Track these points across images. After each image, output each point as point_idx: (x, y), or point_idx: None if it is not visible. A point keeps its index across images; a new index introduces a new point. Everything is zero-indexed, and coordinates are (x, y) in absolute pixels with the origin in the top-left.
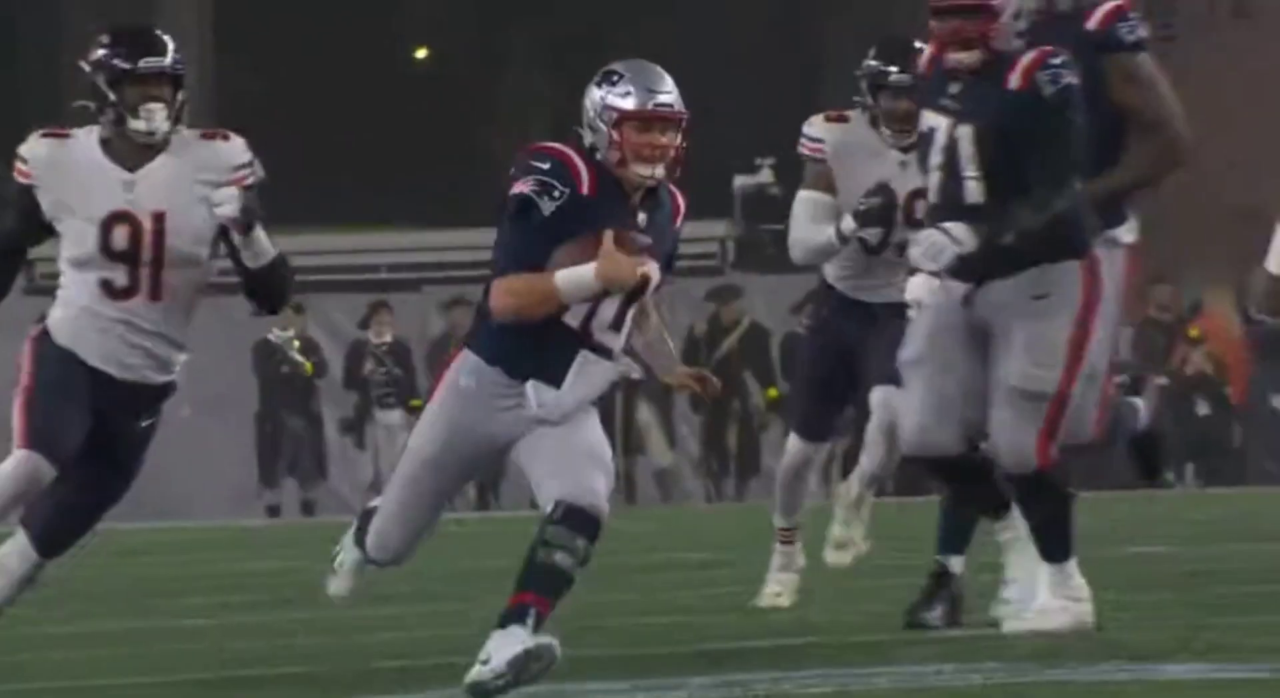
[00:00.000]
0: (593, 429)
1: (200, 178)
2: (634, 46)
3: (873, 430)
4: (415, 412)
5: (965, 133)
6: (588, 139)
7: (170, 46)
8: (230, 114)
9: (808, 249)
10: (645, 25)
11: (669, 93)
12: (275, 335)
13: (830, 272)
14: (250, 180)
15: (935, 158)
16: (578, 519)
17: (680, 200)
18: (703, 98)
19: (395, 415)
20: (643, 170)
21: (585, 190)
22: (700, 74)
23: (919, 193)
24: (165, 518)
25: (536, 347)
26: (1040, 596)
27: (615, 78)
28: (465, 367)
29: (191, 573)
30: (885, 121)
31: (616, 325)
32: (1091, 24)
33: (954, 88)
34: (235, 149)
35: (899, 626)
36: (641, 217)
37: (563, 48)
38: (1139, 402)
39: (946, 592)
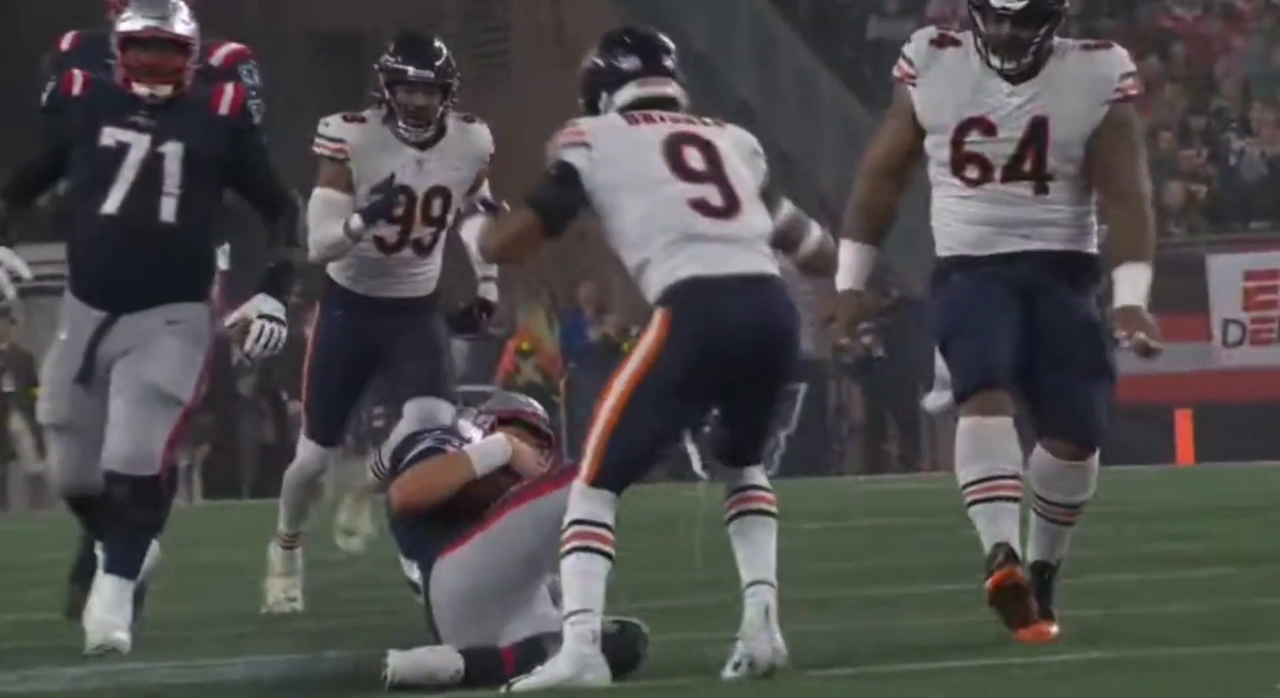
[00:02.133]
0: None
1: None
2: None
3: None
4: None
5: (173, 151)
6: None
7: None
8: None
9: (321, 246)
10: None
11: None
12: None
13: (338, 271)
14: None
15: (128, 173)
16: None
17: None
18: None
19: None
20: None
21: None
22: None
23: (438, 189)
24: None
25: None
26: (99, 610)
27: None
28: None
29: None
30: (402, 116)
31: None
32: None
33: (145, 110)
34: None
35: (258, 618)
36: None
37: None
38: None
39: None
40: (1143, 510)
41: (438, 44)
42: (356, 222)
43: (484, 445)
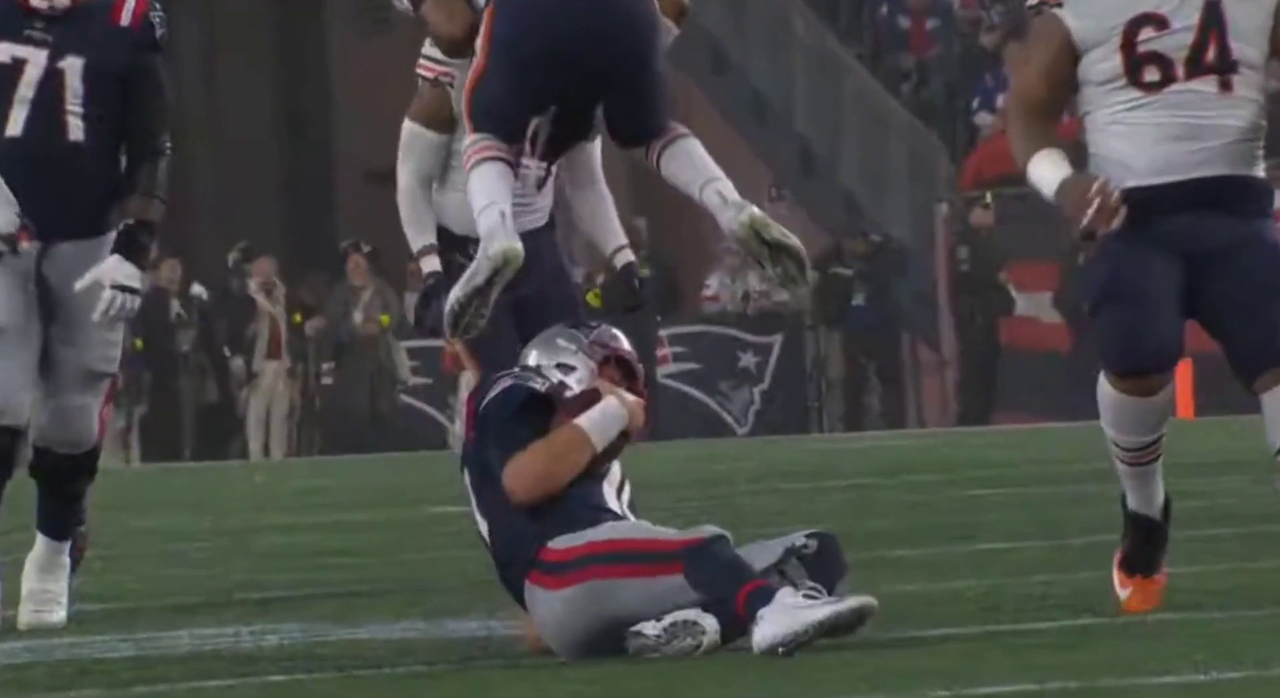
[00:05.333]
0: None
1: None
2: None
3: None
4: None
5: (73, 66)
6: None
7: None
8: None
9: (400, 195)
10: None
11: None
12: None
13: (444, 215)
14: None
15: (27, 92)
16: None
17: None
18: None
19: None
20: None
21: None
22: None
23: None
24: None
25: None
26: (34, 579)
27: None
28: None
29: None
30: None
31: None
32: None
33: (40, 23)
34: None
35: (200, 589)
36: None
37: None
38: None
39: None
40: None
41: None
42: (415, 315)
43: (599, 418)
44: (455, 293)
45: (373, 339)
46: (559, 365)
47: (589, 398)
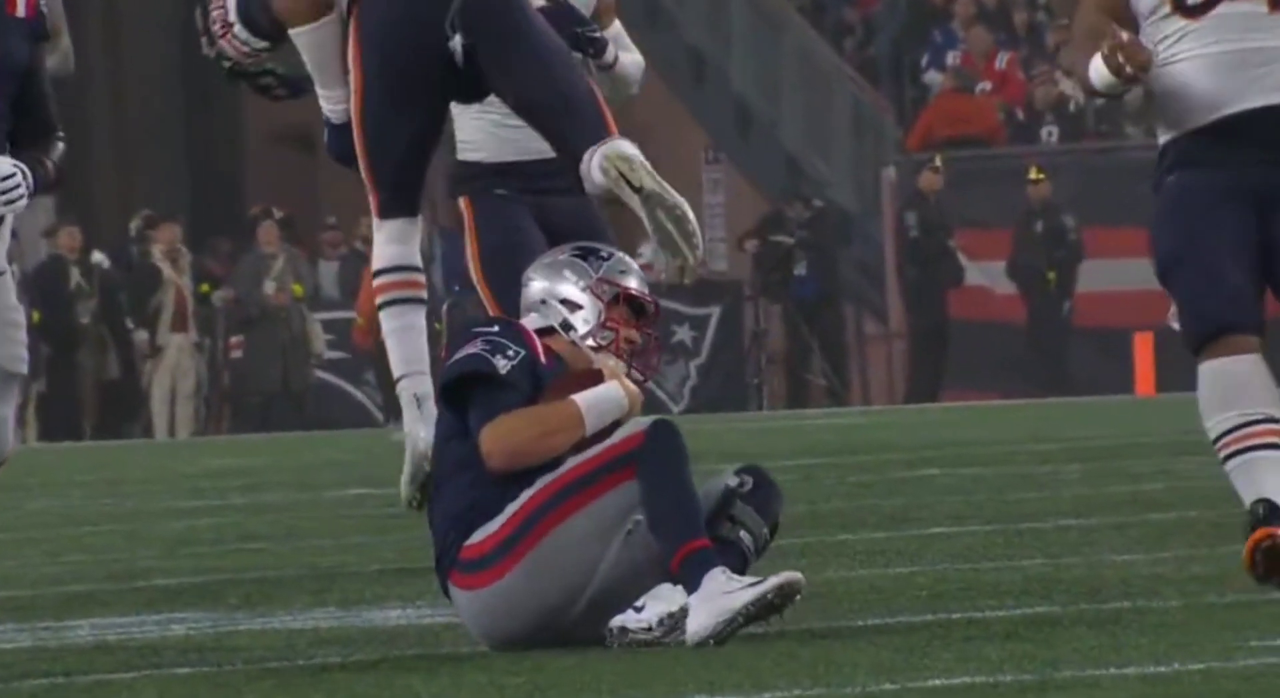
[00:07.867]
0: None
1: None
2: None
3: None
4: None
5: None
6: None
7: None
8: None
9: None
10: None
11: None
12: None
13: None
14: None
15: None
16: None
17: None
18: None
19: None
20: None
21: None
22: None
23: None
24: None
25: None
26: None
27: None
28: None
29: None
30: None
31: None
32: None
33: None
34: None
35: (101, 576)
36: None
37: None
38: None
39: None
40: (1096, 447)
41: None
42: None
43: (598, 403)
44: (406, 490)
45: (284, 311)
46: (564, 301)
47: (589, 379)
